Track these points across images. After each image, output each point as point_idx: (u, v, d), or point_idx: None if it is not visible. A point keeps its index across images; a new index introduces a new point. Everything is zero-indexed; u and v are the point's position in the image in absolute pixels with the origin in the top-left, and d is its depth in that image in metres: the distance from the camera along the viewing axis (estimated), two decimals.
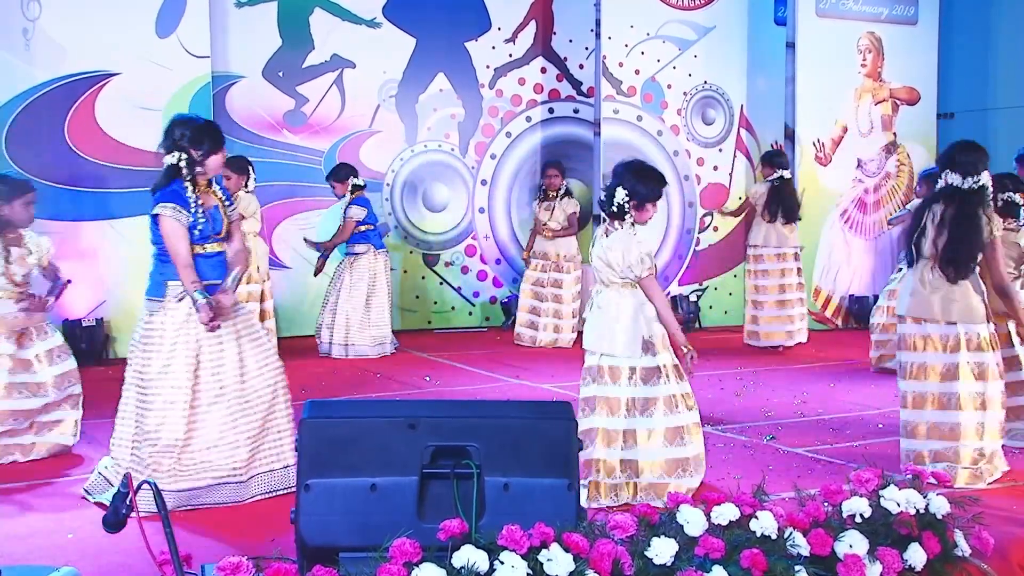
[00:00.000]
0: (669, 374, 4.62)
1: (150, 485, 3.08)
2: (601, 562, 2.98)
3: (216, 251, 4.64)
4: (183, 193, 4.53)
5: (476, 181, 10.61)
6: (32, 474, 5.06)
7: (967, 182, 4.84)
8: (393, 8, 10.04)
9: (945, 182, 4.90)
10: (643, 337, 4.59)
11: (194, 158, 4.56)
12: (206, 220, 4.58)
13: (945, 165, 4.95)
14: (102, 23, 8.37)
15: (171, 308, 4.52)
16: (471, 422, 3.24)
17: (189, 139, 4.55)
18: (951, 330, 4.82)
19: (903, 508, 3.53)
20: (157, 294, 4.57)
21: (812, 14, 10.37)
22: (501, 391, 7.19)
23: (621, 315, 4.61)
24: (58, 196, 8.29)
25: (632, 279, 4.61)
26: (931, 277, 4.86)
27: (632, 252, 4.57)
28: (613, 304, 4.63)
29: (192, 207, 4.53)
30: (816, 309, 10.45)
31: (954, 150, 4.98)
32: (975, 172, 4.85)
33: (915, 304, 4.90)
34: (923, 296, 4.88)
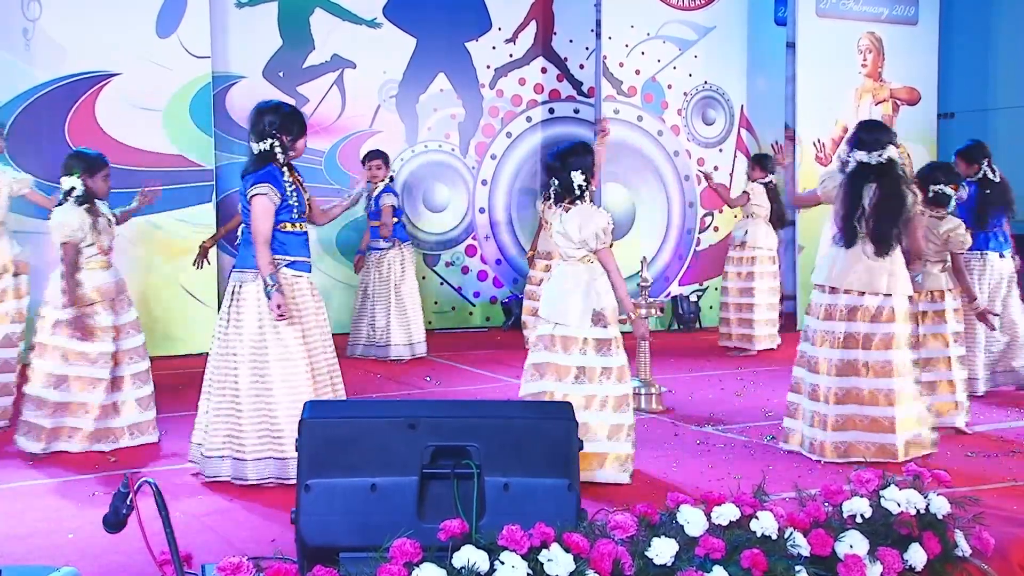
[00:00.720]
0: (620, 346, 4.87)
1: (150, 485, 3.08)
2: (601, 562, 2.98)
3: (303, 230, 4.98)
4: (279, 176, 4.83)
5: (476, 181, 10.61)
6: (32, 474, 5.06)
7: (873, 157, 5.12)
8: (393, 8, 10.04)
9: (855, 160, 5.16)
10: (594, 309, 4.82)
11: (285, 143, 4.84)
12: (298, 201, 4.88)
13: (852, 145, 5.22)
14: (102, 23, 8.38)
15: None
16: (471, 422, 3.24)
17: (279, 126, 4.82)
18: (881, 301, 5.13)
19: (903, 508, 3.53)
20: (252, 266, 4.82)
21: (812, 14, 10.36)
22: (501, 391, 7.18)
23: (575, 287, 4.84)
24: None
25: (588, 251, 4.86)
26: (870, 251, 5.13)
27: (590, 225, 4.81)
28: (569, 277, 4.88)
29: (288, 189, 4.84)
30: None
31: (858, 129, 5.28)
32: (880, 147, 5.13)
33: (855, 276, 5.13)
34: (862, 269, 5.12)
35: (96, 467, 5.19)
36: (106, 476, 4.98)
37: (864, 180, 5.14)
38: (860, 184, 5.14)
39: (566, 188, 4.90)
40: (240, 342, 4.80)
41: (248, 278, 4.84)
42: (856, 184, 5.15)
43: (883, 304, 5.14)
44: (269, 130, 4.81)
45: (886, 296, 5.13)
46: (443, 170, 10.45)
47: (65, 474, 5.07)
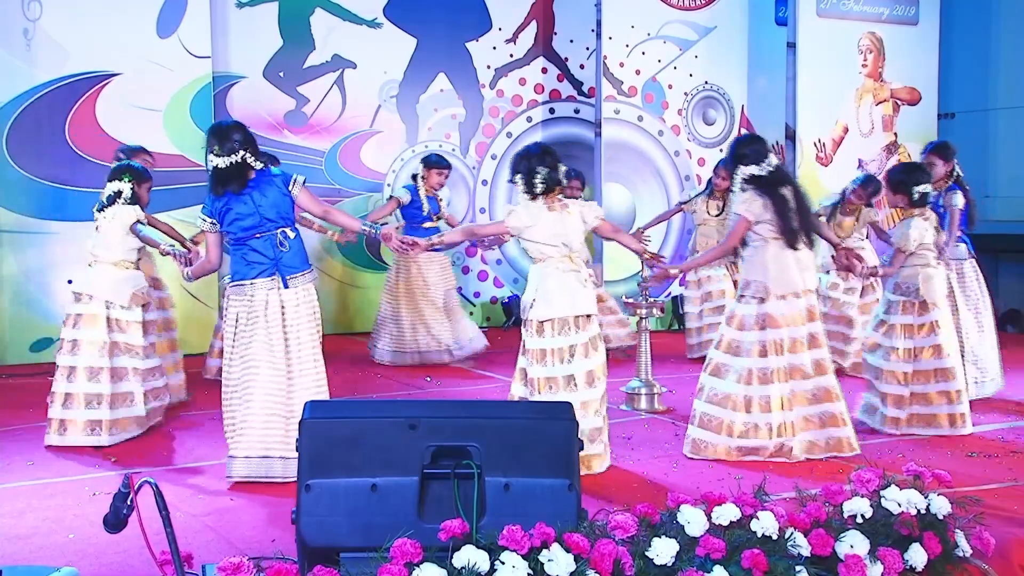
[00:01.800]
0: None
1: (150, 485, 3.08)
2: (602, 562, 2.98)
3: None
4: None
5: (477, 181, 10.61)
6: (32, 474, 5.06)
7: (763, 168, 5.22)
8: (394, 8, 10.04)
9: (747, 175, 5.25)
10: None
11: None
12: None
13: (738, 162, 5.29)
14: (103, 23, 8.38)
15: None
16: (472, 422, 3.24)
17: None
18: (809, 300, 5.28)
19: (904, 508, 3.53)
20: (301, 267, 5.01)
21: (813, 14, 10.36)
22: (501, 391, 7.18)
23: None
24: (58, 196, 8.31)
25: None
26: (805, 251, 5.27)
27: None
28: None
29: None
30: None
31: (736, 147, 5.39)
32: (765, 158, 5.25)
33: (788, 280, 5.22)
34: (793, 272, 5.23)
35: (96, 467, 5.19)
36: (106, 476, 4.98)
37: (778, 186, 5.23)
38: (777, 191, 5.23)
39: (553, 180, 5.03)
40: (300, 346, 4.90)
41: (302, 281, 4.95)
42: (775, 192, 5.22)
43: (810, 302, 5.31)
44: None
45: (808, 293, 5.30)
46: None
47: (65, 474, 5.07)
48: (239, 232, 4.92)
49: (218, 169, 4.88)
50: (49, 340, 8.28)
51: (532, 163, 5.05)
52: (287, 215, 4.95)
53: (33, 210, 8.32)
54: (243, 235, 4.91)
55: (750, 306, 5.26)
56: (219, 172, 4.88)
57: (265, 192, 4.91)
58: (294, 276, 4.94)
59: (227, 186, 4.87)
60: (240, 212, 4.90)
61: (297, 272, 4.96)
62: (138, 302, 5.72)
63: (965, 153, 11.00)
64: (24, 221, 8.30)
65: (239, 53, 9.38)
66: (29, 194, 8.27)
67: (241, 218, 4.90)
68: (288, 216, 4.96)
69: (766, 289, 5.21)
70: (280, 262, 4.91)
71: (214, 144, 4.88)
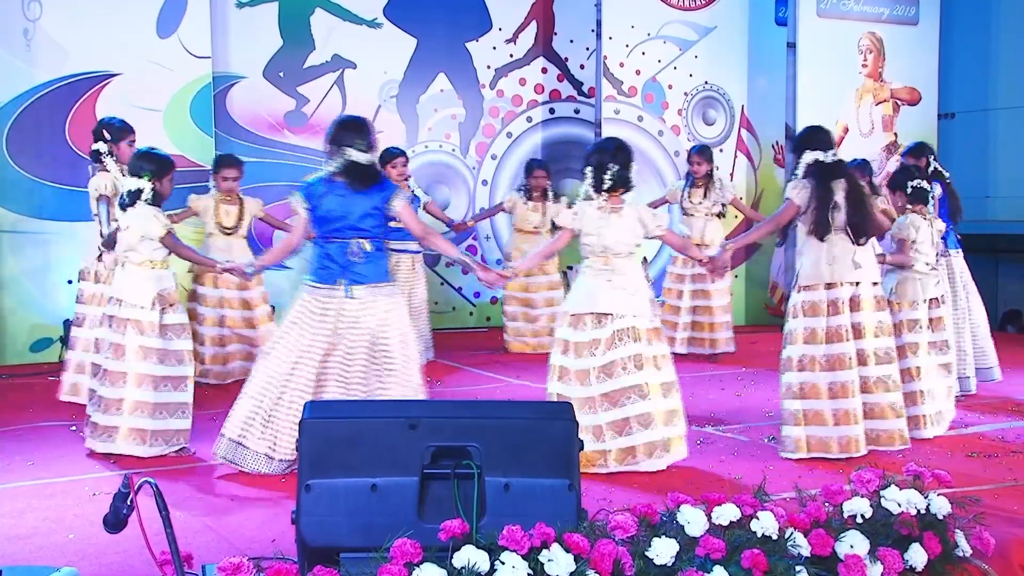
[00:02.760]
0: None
1: (150, 485, 3.08)
2: (602, 562, 2.98)
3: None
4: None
5: (477, 181, 10.61)
6: (32, 474, 5.06)
7: (828, 155, 5.31)
8: (394, 8, 10.04)
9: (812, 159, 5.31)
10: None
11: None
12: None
13: (804, 146, 5.38)
14: (103, 23, 8.38)
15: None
16: (472, 422, 3.24)
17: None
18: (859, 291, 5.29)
19: (904, 508, 3.53)
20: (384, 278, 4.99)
21: (813, 14, 10.36)
22: (501, 391, 7.19)
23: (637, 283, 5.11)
24: (58, 196, 8.31)
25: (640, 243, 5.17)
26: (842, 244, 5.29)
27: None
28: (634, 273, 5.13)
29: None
30: None
31: (805, 133, 5.49)
32: (831, 147, 5.36)
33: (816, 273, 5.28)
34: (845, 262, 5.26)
35: (96, 467, 5.19)
36: (106, 476, 4.98)
37: (832, 179, 5.27)
38: (829, 183, 5.27)
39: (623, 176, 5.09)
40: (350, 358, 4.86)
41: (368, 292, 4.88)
42: (825, 183, 5.27)
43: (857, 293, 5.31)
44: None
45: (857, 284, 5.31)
46: (443, 170, 10.45)
47: (65, 474, 5.07)
48: (321, 231, 4.90)
49: (358, 165, 4.86)
50: (49, 340, 8.30)
51: (604, 158, 5.07)
52: (374, 227, 4.88)
53: (33, 210, 8.32)
54: (324, 235, 4.90)
55: (795, 295, 5.37)
56: (359, 168, 4.86)
57: (363, 197, 4.87)
58: (360, 286, 4.86)
59: (365, 183, 4.86)
60: (330, 210, 4.87)
61: (365, 283, 4.87)
62: (163, 303, 5.38)
63: (965, 153, 11.08)
64: (24, 221, 8.30)
65: (239, 53, 9.38)
66: (29, 194, 8.27)
67: (329, 218, 4.88)
68: (375, 228, 4.89)
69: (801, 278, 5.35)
70: (349, 270, 4.86)
71: (356, 138, 4.88)
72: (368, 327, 4.87)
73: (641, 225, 5.11)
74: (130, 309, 5.35)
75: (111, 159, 6.29)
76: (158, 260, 5.44)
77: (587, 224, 5.05)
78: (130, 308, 5.35)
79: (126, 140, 6.30)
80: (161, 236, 5.38)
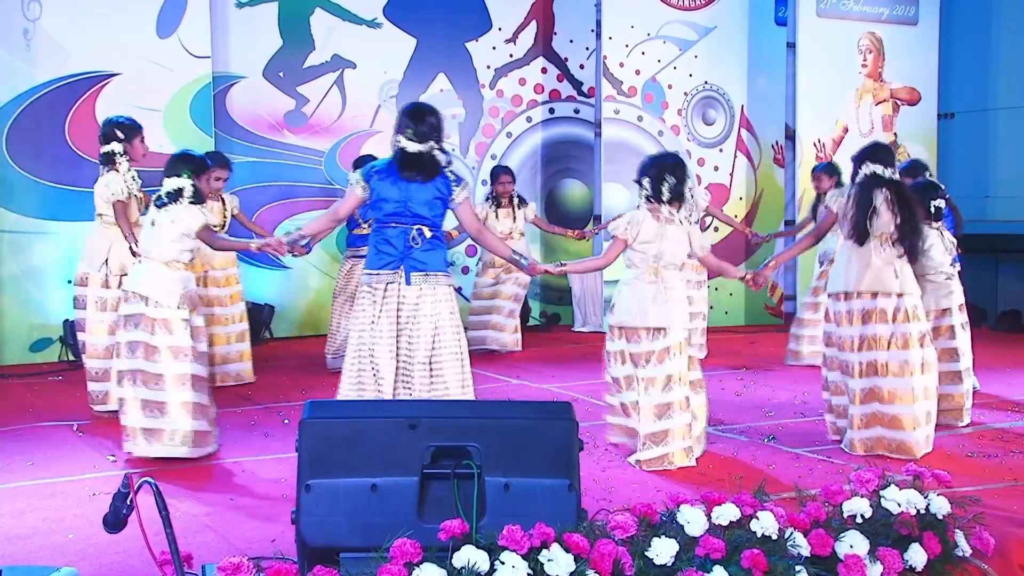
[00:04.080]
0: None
1: (150, 485, 3.08)
2: (602, 562, 2.98)
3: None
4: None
5: (477, 181, 10.61)
6: (32, 474, 5.06)
7: (886, 172, 5.36)
8: (394, 8, 10.04)
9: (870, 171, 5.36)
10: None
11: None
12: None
13: (867, 159, 5.41)
14: (103, 23, 8.38)
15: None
16: (472, 422, 3.24)
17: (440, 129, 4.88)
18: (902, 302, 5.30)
19: (904, 508, 3.53)
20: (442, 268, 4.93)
21: (813, 14, 10.37)
22: (501, 391, 7.18)
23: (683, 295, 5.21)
24: (58, 196, 8.31)
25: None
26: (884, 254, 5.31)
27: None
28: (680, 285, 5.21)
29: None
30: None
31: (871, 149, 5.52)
32: (892, 165, 5.42)
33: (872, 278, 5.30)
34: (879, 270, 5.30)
35: (96, 467, 5.19)
36: (106, 476, 4.98)
37: (875, 187, 5.30)
38: (871, 190, 5.30)
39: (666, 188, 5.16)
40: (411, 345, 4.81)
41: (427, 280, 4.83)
42: (867, 189, 5.30)
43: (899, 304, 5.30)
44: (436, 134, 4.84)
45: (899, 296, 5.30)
46: None
47: (65, 474, 5.07)
48: (379, 215, 4.85)
49: (408, 154, 4.77)
50: (49, 340, 8.30)
51: (663, 171, 5.12)
52: (435, 216, 4.83)
53: (33, 210, 8.32)
54: (383, 220, 4.84)
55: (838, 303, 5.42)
56: (409, 157, 4.77)
57: (423, 185, 4.80)
58: (419, 273, 4.80)
59: (416, 172, 4.77)
60: (388, 194, 4.80)
61: (425, 271, 4.82)
62: (188, 304, 5.33)
63: (965, 153, 11.09)
64: (24, 221, 8.30)
65: (239, 53, 9.38)
66: (29, 194, 8.27)
67: (386, 201, 4.80)
68: (435, 218, 4.83)
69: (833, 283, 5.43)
70: (408, 256, 4.80)
71: (409, 126, 4.78)
72: (427, 315, 4.81)
73: (689, 240, 5.20)
74: (156, 308, 5.25)
75: (125, 159, 6.25)
76: (184, 262, 5.38)
77: (643, 234, 5.08)
78: (156, 307, 5.26)
79: (138, 138, 6.29)
80: (199, 228, 5.32)
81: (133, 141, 6.26)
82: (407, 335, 4.80)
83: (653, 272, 5.07)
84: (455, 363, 4.85)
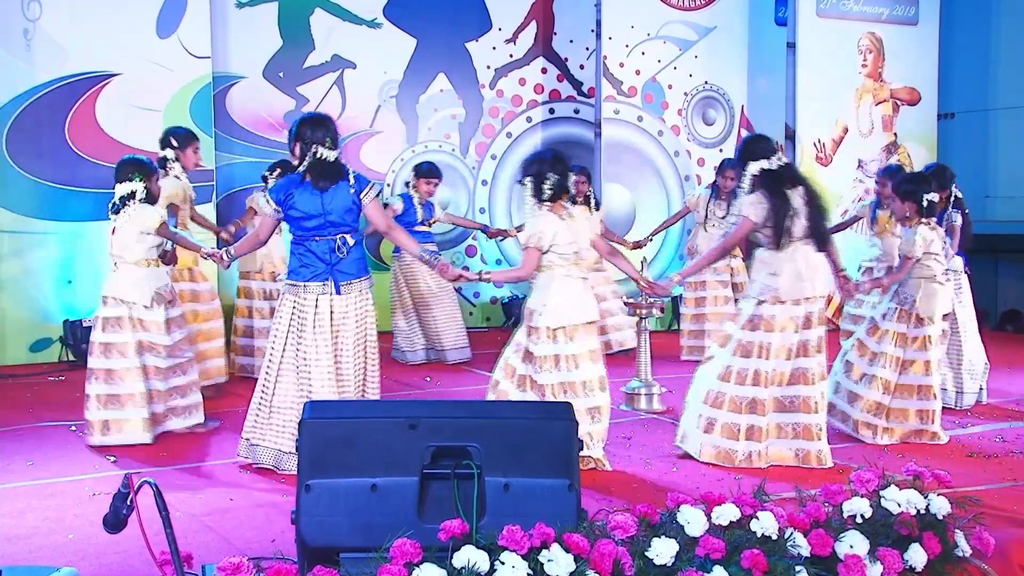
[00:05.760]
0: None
1: (150, 485, 3.08)
2: (602, 562, 2.98)
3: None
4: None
5: (477, 181, 10.61)
6: (32, 474, 5.06)
7: (773, 162, 5.16)
8: (394, 8, 10.04)
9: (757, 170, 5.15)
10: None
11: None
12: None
13: (747, 158, 5.22)
14: (103, 23, 8.38)
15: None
16: (472, 422, 3.24)
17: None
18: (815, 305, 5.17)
19: (904, 508, 3.53)
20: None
21: (813, 14, 10.37)
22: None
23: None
24: (58, 196, 8.31)
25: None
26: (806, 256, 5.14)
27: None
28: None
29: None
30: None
31: (745, 144, 5.35)
32: (773, 153, 5.19)
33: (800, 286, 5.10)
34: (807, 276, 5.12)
35: (96, 467, 5.19)
36: (106, 476, 4.98)
37: (787, 185, 5.14)
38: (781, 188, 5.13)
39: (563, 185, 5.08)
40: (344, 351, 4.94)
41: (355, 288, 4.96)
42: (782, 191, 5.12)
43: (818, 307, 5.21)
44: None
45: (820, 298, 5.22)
46: (443, 170, 10.41)
47: (65, 474, 5.07)
48: (299, 231, 4.91)
49: (327, 163, 4.86)
50: (48, 340, 8.30)
51: (543, 168, 5.07)
52: (352, 221, 4.92)
53: (33, 210, 8.31)
54: (303, 234, 4.91)
55: (748, 304, 5.22)
56: (327, 166, 4.86)
57: (336, 194, 4.88)
58: (348, 283, 4.92)
59: (331, 180, 4.86)
60: (305, 209, 4.88)
61: (352, 279, 4.94)
62: (161, 301, 5.63)
63: (965, 153, 11.09)
64: (24, 221, 8.29)
65: (239, 53, 9.38)
66: (29, 194, 8.27)
67: (305, 217, 4.88)
68: (353, 222, 4.93)
69: (766, 291, 5.15)
70: (335, 267, 4.90)
71: (326, 136, 4.86)
72: (355, 321, 4.96)
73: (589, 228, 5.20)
74: (131, 308, 5.55)
75: (177, 165, 6.50)
76: (153, 259, 5.64)
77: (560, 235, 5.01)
78: (131, 307, 5.55)
79: (191, 147, 6.51)
80: (156, 225, 5.58)
81: (186, 150, 6.53)
82: (340, 342, 4.92)
83: (577, 267, 5.06)
84: (353, 367, 4.96)
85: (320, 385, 4.89)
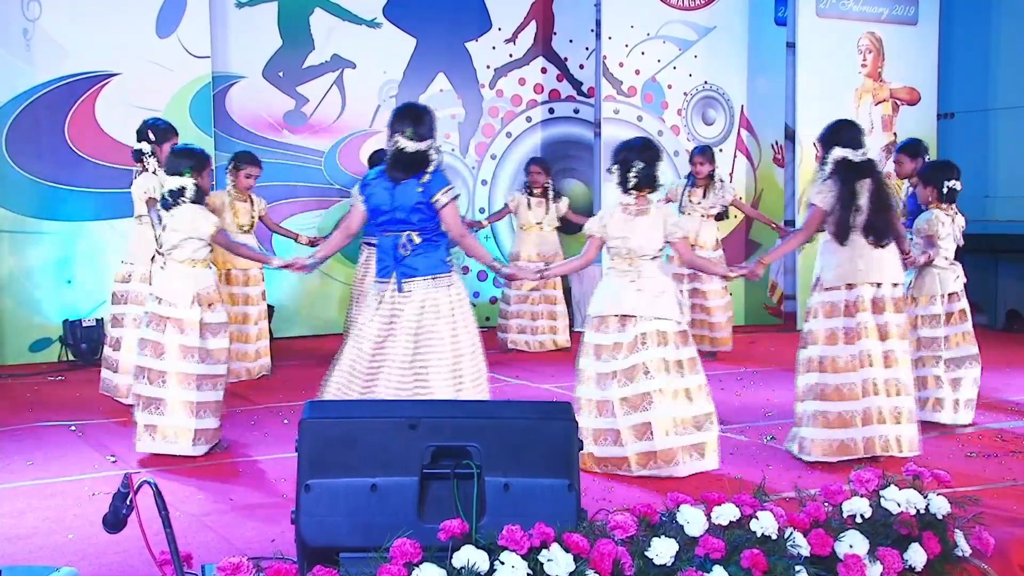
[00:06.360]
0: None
1: (150, 485, 3.08)
2: (601, 562, 2.98)
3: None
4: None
5: (476, 181, 10.61)
6: (32, 474, 5.06)
7: (857, 155, 5.13)
8: (393, 8, 10.04)
9: (839, 157, 5.12)
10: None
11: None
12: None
13: (833, 143, 5.18)
14: (102, 23, 8.38)
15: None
16: (471, 422, 3.24)
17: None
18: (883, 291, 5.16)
19: (903, 508, 3.53)
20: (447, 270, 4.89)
21: (812, 14, 10.36)
22: (501, 391, 7.18)
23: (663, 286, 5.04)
24: (58, 196, 8.31)
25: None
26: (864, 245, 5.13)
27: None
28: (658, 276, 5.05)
29: None
30: None
31: (834, 128, 5.29)
32: (861, 146, 5.17)
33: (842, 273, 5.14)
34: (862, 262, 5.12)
35: (96, 467, 5.19)
36: (106, 476, 4.98)
37: (859, 178, 5.12)
38: (853, 182, 5.12)
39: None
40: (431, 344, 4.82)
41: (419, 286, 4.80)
42: (850, 182, 5.12)
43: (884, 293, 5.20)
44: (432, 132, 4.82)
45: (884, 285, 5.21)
46: None
47: (65, 474, 5.07)
48: (373, 223, 4.89)
49: (402, 154, 4.74)
50: (48, 340, 8.30)
51: (630, 156, 5.04)
52: (422, 221, 4.76)
53: (33, 210, 8.32)
54: (375, 228, 4.89)
55: (816, 295, 5.25)
56: (402, 157, 4.74)
57: (406, 189, 4.76)
58: (410, 280, 4.78)
59: (404, 173, 4.74)
60: (376, 202, 4.82)
61: (416, 276, 4.78)
62: (202, 302, 5.32)
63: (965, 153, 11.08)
64: (24, 221, 8.30)
65: (238, 53, 9.38)
66: (29, 194, 8.27)
67: (376, 210, 4.82)
68: (423, 222, 4.76)
69: (823, 280, 5.23)
70: (401, 263, 4.79)
71: (407, 126, 4.76)
72: (413, 319, 4.78)
73: (664, 227, 5.05)
74: (170, 308, 5.30)
75: (153, 160, 6.35)
76: (199, 259, 5.38)
77: (612, 228, 5.03)
78: (170, 307, 5.30)
79: (169, 142, 6.34)
80: (212, 234, 5.35)
81: (164, 144, 6.33)
82: (392, 339, 4.79)
83: (628, 263, 5.02)
84: (444, 367, 4.81)
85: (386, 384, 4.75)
